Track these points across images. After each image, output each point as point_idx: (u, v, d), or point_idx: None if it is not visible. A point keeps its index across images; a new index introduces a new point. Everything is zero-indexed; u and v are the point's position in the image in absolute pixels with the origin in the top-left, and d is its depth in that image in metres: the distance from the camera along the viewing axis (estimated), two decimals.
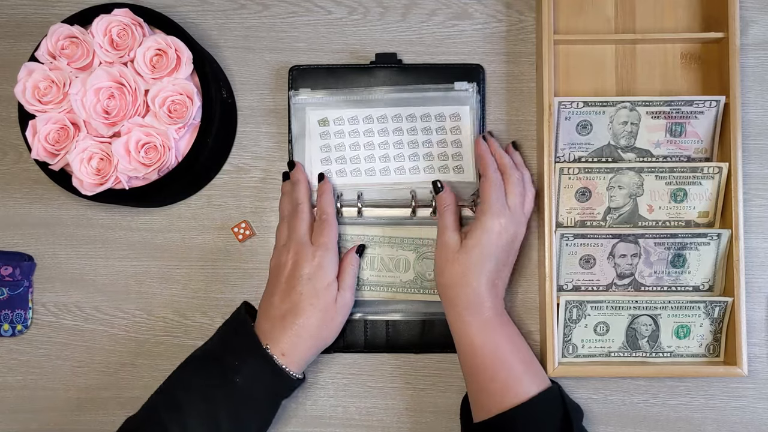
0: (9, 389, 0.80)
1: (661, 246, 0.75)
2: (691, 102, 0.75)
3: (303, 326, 0.70)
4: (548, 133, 0.74)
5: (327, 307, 0.71)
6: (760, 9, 0.79)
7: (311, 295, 0.70)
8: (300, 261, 0.71)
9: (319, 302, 0.70)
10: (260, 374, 0.68)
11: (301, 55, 0.80)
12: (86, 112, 0.71)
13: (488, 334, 0.69)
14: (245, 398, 0.68)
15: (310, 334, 0.70)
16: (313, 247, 0.72)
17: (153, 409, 0.68)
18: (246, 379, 0.68)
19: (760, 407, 0.77)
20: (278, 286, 0.71)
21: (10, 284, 0.79)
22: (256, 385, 0.68)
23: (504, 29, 0.80)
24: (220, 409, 0.67)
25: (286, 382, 0.70)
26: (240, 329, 0.71)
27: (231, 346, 0.70)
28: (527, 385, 0.68)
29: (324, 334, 0.71)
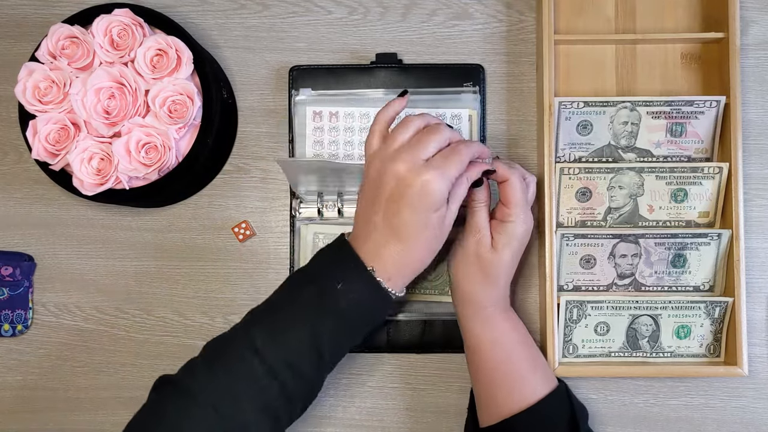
0: (9, 389, 0.80)
1: (662, 246, 0.75)
2: (691, 102, 0.75)
3: (409, 252, 0.63)
4: (548, 133, 0.74)
5: (435, 234, 0.64)
6: (760, 9, 0.79)
7: (419, 224, 0.63)
8: (407, 179, 0.62)
9: (428, 231, 0.63)
10: (366, 298, 0.63)
11: (301, 55, 0.80)
12: (86, 112, 0.71)
13: (505, 331, 0.70)
14: (348, 323, 0.63)
15: (416, 259, 0.64)
16: (422, 163, 0.63)
17: (244, 328, 0.63)
18: (351, 303, 0.62)
19: (760, 407, 0.77)
20: (380, 203, 0.63)
21: (10, 284, 0.79)
22: (360, 310, 0.63)
23: (504, 29, 0.80)
24: (323, 333, 0.62)
25: (387, 305, 0.65)
26: (342, 251, 0.65)
27: (333, 268, 0.64)
28: (536, 386, 0.68)
29: (429, 257, 0.65)
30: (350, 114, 0.76)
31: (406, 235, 0.63)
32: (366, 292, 0.63)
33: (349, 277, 0.63)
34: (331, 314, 0.62)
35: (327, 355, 0.63)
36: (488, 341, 0.69)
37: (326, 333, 0.62)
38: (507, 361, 0.69)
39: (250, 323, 0.64)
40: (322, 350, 0.62)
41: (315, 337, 0.62)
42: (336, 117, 0.77)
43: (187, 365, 0.63)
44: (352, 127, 0.76)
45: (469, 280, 0.69)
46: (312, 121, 0.77)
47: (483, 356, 0.70)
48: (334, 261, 0.65)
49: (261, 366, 0.60)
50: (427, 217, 0.63)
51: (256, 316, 0.64)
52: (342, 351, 0.66)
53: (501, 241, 0.68)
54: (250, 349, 0.61)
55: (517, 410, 0.67)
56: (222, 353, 0.62)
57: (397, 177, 0.62)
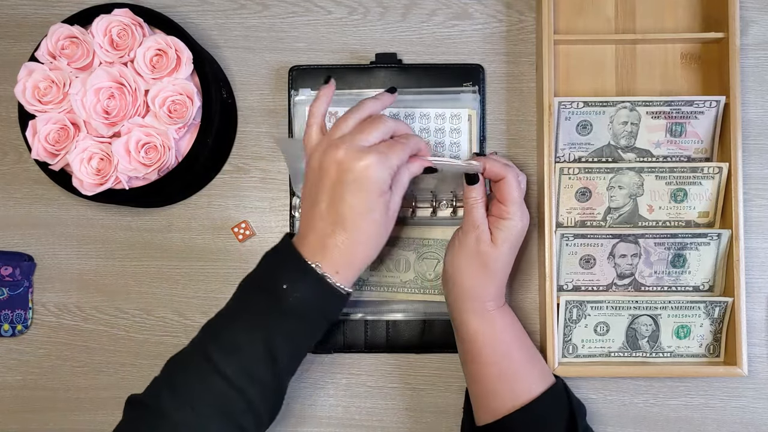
0: (9, 389, 0.80)
1: (662, 246, 0.75)
2: (691, 102, 0.75)
3: (356, 241, 0.62)
4: (548, 133, 0.74)
5: (380, 221, 0.63)
6: (760, 9, 0.79)
7: (363, 209, 0.62)
8: (348, 163, 0.62)
9: (372, 216, 0.62)
10: (313, 296, 0.62)
11: (301, 55, 0.80)
12: (86, 112, 0.71)
13: (503, 327, 0.70)
14: (299, 323, 0.63)
15: (363, 249, 0.63)
16: (363, 148, 0.62)
17: (200, 343, 0.63)
18: (298, 303, 0.62)
19: (760, 407, 0.77)
20: (323, 192, 0.63)
21: (10, 284, 0.79)
22: (309, 308, 0.63)
23: (504, 29, 0.80)
24: (274, 336, 0.62)
25: (338, 301, 0.64)
26: (285, 251, 0.64)
27: (277, 270, 0.64)
28: (533, 383, 0.69)
29: (376, 247, 0.65)
30: None
31: (351, 222, 0.62)
32: (312, 290, 0.62)
33: (293, 276, 0.62)
34: (280, 317, 0.62)
35: (283, 359, 0.62)
36: (487, 337, 0.69)
37: (279, 336, 0.62)
38: (504, 357, 0.69)
39: (205, 337, 0.64)
40: (276, 354, 0.62)
41: (267, 342, 0.62)
42: (335, 117, 0.77)
43: (152, 384, 0.63)
44: None
45: (470, 276, 0.69)
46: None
47: (481, 352, 0.70)
48: (277, 262, 0.64)
49: (219, 379, 0.61)
50: (371, 201, 0.62)
51: (210, 329, 0.64)
52: (299, 352, 0.65)
53: (500, 236, 0.68)
54: (207, 364, 0.61)
55: (514, 408, 0.67)
56: (182, 371, 0.63)
57: (338, 163, 0.62)
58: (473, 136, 0.76)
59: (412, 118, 0.76)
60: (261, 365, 0.62)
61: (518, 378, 0.69)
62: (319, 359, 0.78)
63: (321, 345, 0.77)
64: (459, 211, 0.76)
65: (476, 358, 0.70)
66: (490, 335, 0.69)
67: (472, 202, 0.69)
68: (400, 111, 0.76)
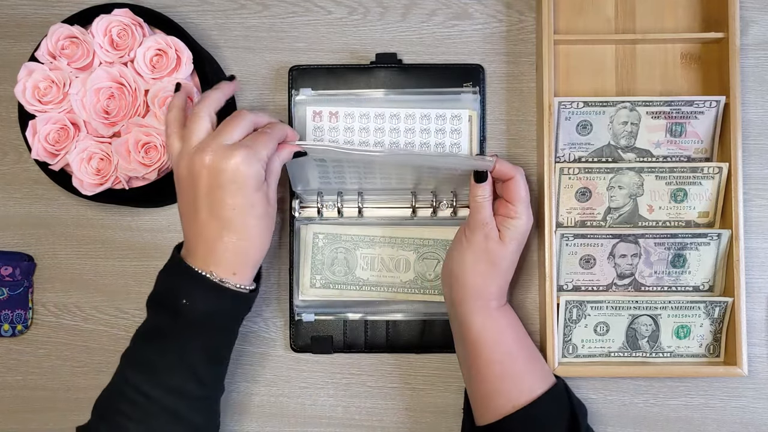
0: (9, 389, 0.80)
1: (661, 246, 0.75)
2: (691, 102, 0.75)
3: (245, 239, 0.62)
4: (548, 133, 0.74)
5: (264, 213, 0.63)
6: (760, 9, 0.79)
7: (245, 207, 0.62)
8: (217, 165, 0.61)
9: (255, 211, 0.62)
10: (217, 304, 0.63)
11: (301, 55, 0.80)
12: (86, 112, 0.71)
13: (505, 326, 0.70)
14: (210, 332, 0.64)
15: (255, 244, 0.63)
16: (228, 146, 0.61)
17: (121, 372, 0.64)
18: (203, 314, 0.62)
19: (760, 407, 0.77)
20: (200, 199, 0.62)
21: (10, 284, 0.79)
22: (216, 317, 0.63)
23: (504, 29, 0.80)
24: (190, 351, 0.63)
25: (244, 300, 0.65)
26: (176, 267, 0.64)
27: (174, 287, 0.63)
28: (534, 383, 0.68)
29: (267, 239, 0.65)
30: (350, 114, 0.76)
31: (236, 222, 0.62)
32: (214, 298, 0.63)
33: (190, 291, 0.62)
34: (190, 331, 0.63)
35: (203, 369, 0.64)
36: (490, 335, 0.69)
37: (193, 350, 0.63)
38: (506, 356, 0.69)
39: (124, 367, 0.65)
40: (195, 368, 0.63)
41: (184, 358, 0.63)
42: (336, 117, 0.77)
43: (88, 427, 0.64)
44: (352, 127, 0.76)
45: (476, 273, 0.69)
46: (312, 121, 0.77)
47: (483, 351, 0.69)
48: (172, 279, 0.64)
49: (148, 402, 0.62)
50: (250, 197, 0.62)
51: (127, 358, 0.66)
52: (219, 357, 0.67)
53: (508, 234, 0.69)
54: (132, 391, 0.62)
55: (515, 408, 0.67)
56: (109, 406, 0.64)
57: (208, 167, 0.61)
58: (473, 136, 0.76)
59: (412, 118, 0.76)
60: (185, 381, 0.63)
61: (520, 378, 0.69)
62: (319, 359, 0.78)
63: (321, 345, 0.77)
64: (459, 211, 0.76)
65: (478, 358, 0.69)
66: (493, 334, 0.69)
67: (480, 199, 0.70)
68: (400, 111, 0.76)
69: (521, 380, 0.68)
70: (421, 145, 0.76)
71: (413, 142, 0.76)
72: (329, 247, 0.77)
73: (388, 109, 0.76)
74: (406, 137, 0.76)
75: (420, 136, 0.76)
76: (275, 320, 0.79)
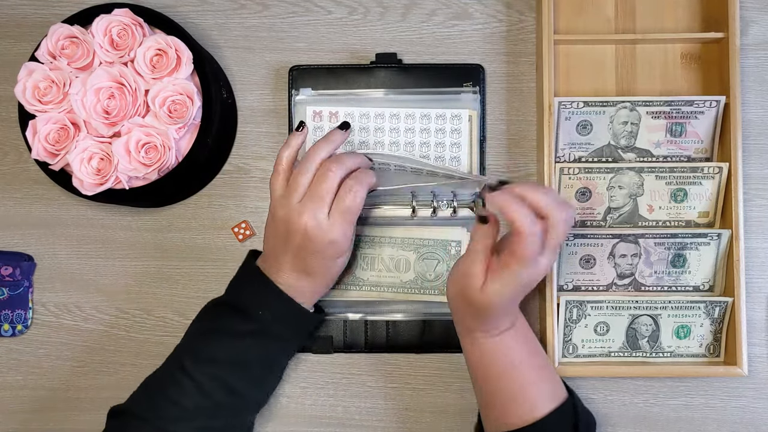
0: (9, 389, 0.80)
1: (662, 246, 0.75)
2: (691, 102, 0.75)
3: (319, 283, 0.70)
4: (548, 133, 0.74)
5: (341, 265, 0.71)
6: (760, 9, 0.79)
7: (324, 267, 0.69)
8: (313, 234, 0.66)
9: (333, 270, 0.70)
10: (287, 317, 0.70)
11: (301, 55, 0.80)
12: (86, 112, 0.71)
13: (498, 351, 0.67)
14: (273, 341, 0.70)
15: (326, 284, 0.71)
16: (325, 221, 0.66)
17: (176, 360, 0.69)
18: (273, 323, 0.69)
19: (760, 407, 0.77)
20: (287, 250, 0.68)
21: (10, 284, 0.79)
22: (283, 328, 0.70)
23: (504, 29, 0.80)
24: (249, 353, 0.68)
25: (311, 321, 0.73)
26: (256, 280, 0.70)
27: (252, 296, 0.70)
28: (537, 402, 0.66)
29: (338, 275, 0.72)
30: (350, 114, 0.76)
31: (315, 274, 0.69)
32: (285, 311, 0.69)
33: (267, 301, 0.69)
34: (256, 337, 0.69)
35: (256, 371, 0.69)
36: (477, 359, 0.68)
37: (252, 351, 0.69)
38: (500, 378, 0.67)
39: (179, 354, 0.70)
40: (250, 366, 0.68)
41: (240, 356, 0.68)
42: (336, 117, 0.77)
43: (132, 397, 0.69)
44: (352, 128, 0.76)
45: (455, 308, 0.68)
46: (312, 121, 0.77)
47: (473, 371, 0.69)
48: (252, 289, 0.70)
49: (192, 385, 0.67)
50: (333, 262, 0.69)
51: (184, 348, 0.70)
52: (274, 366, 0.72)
53: (493, 288, 0.62)
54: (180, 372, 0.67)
55: (515, 426, 0.65)
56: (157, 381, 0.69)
57: (304, 233, 0.66)
58: (474, 136, 0.76)
59: (412, 118, 0.76)
60: (236, 377, 0.68)
61: (515, 399, 0.66)
62: (319, 359, 0.78)
63: (321, 345, 0.77)
64: (459, 211, 0.76)
65: (470, 372, 0.70)
66: (477, 360, 0.68)
67: (472, 245, 0.64)
68: (400, 111, 0.76)
69: (517, 402, 0.66)
70: (421, 144, 0.76)
71: (413, 141, 0.76)
72: None
73: (388, 109, 0.76)
74: (406, 137, 0.76)
75: (420, 135, 0.76)
76: None
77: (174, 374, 0.68)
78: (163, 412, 0.66)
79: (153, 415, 0.66)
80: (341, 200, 0.66)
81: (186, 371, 0.67)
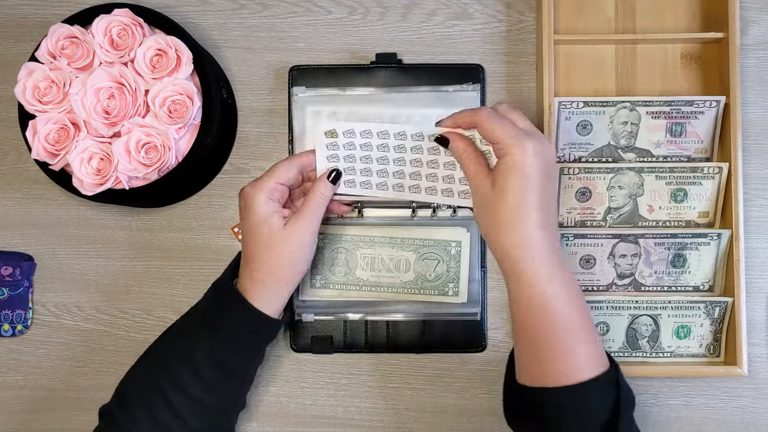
0: (9, 389, 0.80)
1: (662, 246, 0.75)
2: (691, 102, 0.75)
3: (258, 269, 0.67)
4: (548, 133, 0.74)
5: (267, 241, 0.67)
6: (760, 9, 0.79)
7: (247, 234, 0.68)
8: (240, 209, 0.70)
9: (258, 238, 0.67)
10: (242, 320, 0.68)
11: (301, 55, 0.80)
12: (86, 112, 0.71)
13: (549, 292, 0.61)
14: (230, 342, 0.68)
15: (267, 274, 0.68)
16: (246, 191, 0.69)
17: (153, 374, 0.68)
18: (228, 326, 0.68)
19: (760, 407, 0.77)
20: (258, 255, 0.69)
21: (10, 284, 0.79)
22: (239, 331, 0.68)
23: (504, 29, 0.80)
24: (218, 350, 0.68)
25: (266, 326, 0.69)
26: (224, 289, 0.70)
27: (218, 308, 0.70)
28: (580, 365, 0.61)
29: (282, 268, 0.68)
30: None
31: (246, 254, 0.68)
32: (239, 314, 0.68)
33: (226, 306, 0.69)
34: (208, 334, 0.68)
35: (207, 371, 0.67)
36: (523, 303, 0.62)
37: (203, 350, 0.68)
38: (544, 328, 0.61)
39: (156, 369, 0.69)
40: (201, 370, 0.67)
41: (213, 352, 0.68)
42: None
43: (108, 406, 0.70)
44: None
45: (486, 230, 0.64)
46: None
47: (516, 317, 0.63)
48: (219, 300, 0.70)
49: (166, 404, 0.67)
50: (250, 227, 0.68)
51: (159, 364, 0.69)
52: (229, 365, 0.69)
53: (498, 180, 0.62)
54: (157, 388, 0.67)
55: (554, 384, 0.60)
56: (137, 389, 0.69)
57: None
58: None
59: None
60: (190, 380, 0.67)
61: (559, 356, 0.61)
62: (319, 359, 0.78)
63: (321, 345, 0.77)
64: (459, 212, 0.76)
65: (513, 320, 0.64)
66: (526, 306, 0.62)
67: (458, 156, 0.66)
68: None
69: (560, 360, 0.61)
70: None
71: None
72: (329, 247, 0.77)
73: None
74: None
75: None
76: None
77: (152, 389, 0.67)
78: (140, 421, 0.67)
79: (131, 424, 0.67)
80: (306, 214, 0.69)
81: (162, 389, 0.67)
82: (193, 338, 0.68)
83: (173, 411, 0.66)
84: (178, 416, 0.66)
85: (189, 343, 0.68)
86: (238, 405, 0.72)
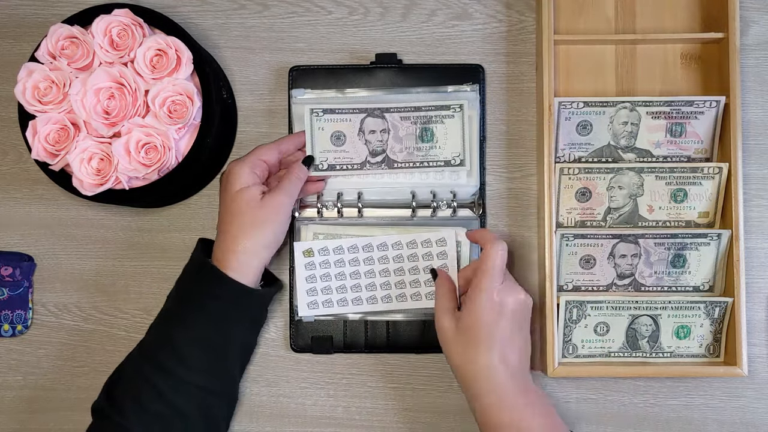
0: (9, 389, 0.80)
1: (662, 246, 0.75)
2: (691, 102, 0.75)
3: (233, 236, 0.70)
4: (548, 133, 0.74)
5: (245, 207, 0.70)
6: (760, 9, 0.79)
7: (228, 202, 0.71)
8: (221, 183, 0.73)
9: (238, 204, 0.70)
10: (216, 292, 0.70)
11: (301, 55, 0.80)
12: (86, 112, 0.71)
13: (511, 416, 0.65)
14: (204, 315, 0.70)
15: (243, 239, 0.70)
16: (231, 164, 0.72)
17: (141, 366, 0.69)
18: (203, 300, 0.70)
19: (760, 407, 0.77)
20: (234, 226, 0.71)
21: (10, 284, 0.79)
22: (214, 302, 0.70)
23: (504, 29, 0.80)
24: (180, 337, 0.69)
25: (243, 295, 0.71)
26: (198, 264, 0.72)
27: (194, 287, 0.72)
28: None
29: (259, 231, 0.70)
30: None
31: (222, 223, 0.72)
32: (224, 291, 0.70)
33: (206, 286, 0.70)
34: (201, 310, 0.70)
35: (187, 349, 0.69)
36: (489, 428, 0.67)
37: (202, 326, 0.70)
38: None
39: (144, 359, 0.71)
40: (182, 352, 0.68)
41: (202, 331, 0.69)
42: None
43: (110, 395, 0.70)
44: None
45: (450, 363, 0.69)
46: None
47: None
48: (193, 279, 0.72)
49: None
50: (230, 195, 0.71)
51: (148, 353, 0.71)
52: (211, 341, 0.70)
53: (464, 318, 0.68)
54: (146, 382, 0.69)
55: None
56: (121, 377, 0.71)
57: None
58: (473, 136, 0.76)
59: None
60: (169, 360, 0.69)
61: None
62: (319, 359, 0.78)
63: (321, 345, 0.77)
64: (459, 211, 0.76)
65: None
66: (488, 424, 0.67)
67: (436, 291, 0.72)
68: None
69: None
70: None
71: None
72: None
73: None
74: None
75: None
76: (275, 320, 0.79)
77: (137, 377, 0.69)
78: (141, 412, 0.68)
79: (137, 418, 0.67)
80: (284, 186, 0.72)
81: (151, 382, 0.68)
82: (171, 318, 0.70)
83: (162, 398, 0.67)
84: (166, 402, 0.67)
85: (167, 324, 0.70)
86: (226, 385, 0.72)
